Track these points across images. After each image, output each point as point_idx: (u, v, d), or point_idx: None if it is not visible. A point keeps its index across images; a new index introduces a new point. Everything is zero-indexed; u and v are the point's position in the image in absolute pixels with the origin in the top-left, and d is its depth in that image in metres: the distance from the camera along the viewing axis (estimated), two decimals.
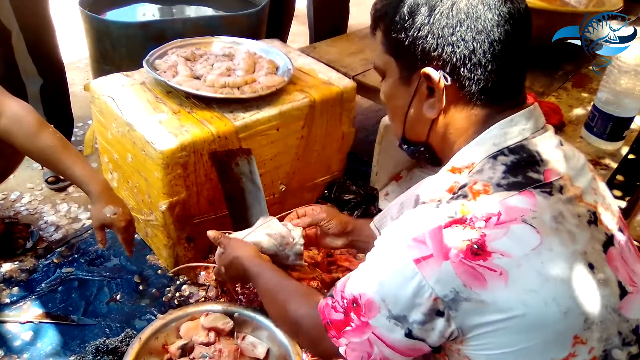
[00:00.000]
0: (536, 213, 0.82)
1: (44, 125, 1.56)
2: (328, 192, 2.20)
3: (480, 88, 0.89)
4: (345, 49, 2.46)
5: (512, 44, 0.88)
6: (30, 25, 2.08)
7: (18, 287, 1.80)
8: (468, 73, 0.88)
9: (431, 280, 0.80)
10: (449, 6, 0.87)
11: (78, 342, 1.64)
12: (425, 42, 0.88)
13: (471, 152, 0.90)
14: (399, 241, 0.85)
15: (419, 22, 0.88)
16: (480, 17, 0.86)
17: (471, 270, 0.79)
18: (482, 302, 0.79)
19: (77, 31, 2.47)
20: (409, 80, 0.94)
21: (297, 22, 3.38)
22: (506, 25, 0.87)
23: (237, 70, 1.90)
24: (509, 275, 0.78)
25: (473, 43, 0.86)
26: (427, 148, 1.01)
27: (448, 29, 0.87)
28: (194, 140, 1.65)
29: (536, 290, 0.79)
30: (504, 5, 0.87)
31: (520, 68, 0.93)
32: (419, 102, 0.94)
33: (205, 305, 1.61)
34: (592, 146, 1.80)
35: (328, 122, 2.01)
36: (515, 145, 0.88)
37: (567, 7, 2.54)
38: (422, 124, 0.97)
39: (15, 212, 2.15)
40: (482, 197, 0.83)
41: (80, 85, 2.87)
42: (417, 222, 0.85)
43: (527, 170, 0.86)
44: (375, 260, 0.89)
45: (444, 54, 0.87)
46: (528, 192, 0.83)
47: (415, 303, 0.82)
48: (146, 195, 1.78)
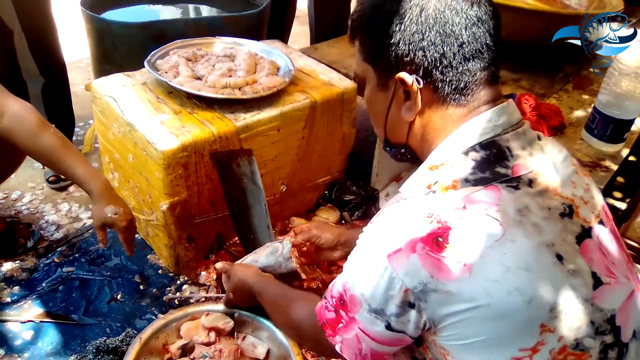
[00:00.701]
0: (500, 207, 0.85)
1: (46, 125, 1.57)
2: (329, 193, 2.20)
3: (453, 88, 0.93)
4: (346, 50, 2.46)
5: (482, 44, 0.92)
6: (32, 25, 2.08)
7: (19, 287, 1.81)
8: (440, 75, 0.92)
9: (401, 273, 0.85)
10: (417, 13, 0.91)
11: (79, 342, 1.64)
12: (398, 48, 0.93)
13: (446, 149, 0.94)
14: (375, 237, 0.90)
15: (391, 30, 0.93)
16: (447, 21, 0.90)
17: (437, 262, 0.82)
18: (448, 292, 0.83)
19: (79, 31, 2.47)
20: (386, 85, 0.99)
21: (298, 23, 3.38)
22: (474, 27, 0.91)
23: (238, 71, 1.90)
24: (472, 267, 0.82)
25: (443, 46, 0.91)
26: (407, 149, 1.05)
27: (418, 35, 0.91)
28: (195, 141, 1.66)
29: (499, 281, 0.82)
30: (470, 8, 0.91)
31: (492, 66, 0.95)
32: (397, 106, 0.99)
33: (206, 305, 1.62)
34: (593, 148, 1.80)
35: (329, 123, 2.02)
36: (487, 141, 0.91)
37: (568, 9, 2.54)
38: (401, 126, 1.01)
39: (16, 211, 2.16)
40: (450, 192, 0.87)
41: (82, 85, 2.87)
42: (390, 217, 0.90)
43: (495, 166, 0.89)
44: (354, 257, 0.95)
45: (416, 59, 0.92)
46: (493, 187, 0.87)
47: (389, 296, 0.87)
48: (147, 195, 1.78)
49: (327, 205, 2.20)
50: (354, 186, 2.20)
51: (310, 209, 2.21)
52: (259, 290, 1.42)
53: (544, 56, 2.27)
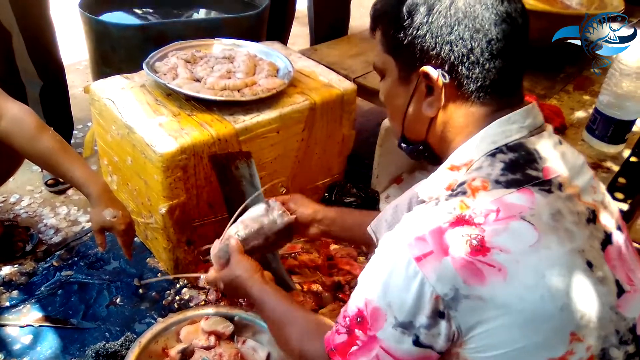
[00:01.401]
0: (534, 210, 0.83)
1: (44, 128, 1.56)
2: (329, 195, 2.19)
3: (478, 86, 0.90)
4: (345, 51, 2.45)
5: (510, 43, 0.89)
6: (30, 27, 2.08)
7: (18, 291, 1.80)
8: (466, 71, 0.89)
9: (432, 278, 0.80)
10: (447, 5, 0.88)
11: (78, 346, 1.63)
12: (424, 41, 0.90)
13: (469, 149, 0.91)
14: (400, 241, 0.85)
15: (417, 21, 0.90)
16: (477, 16, 0.88)
17: (470, 266, 0.79)
18: (480, 298, 0.79)
19: (77, 33, 2.47)
20: (408, 79, 0.95)
21: (298, 24, 3.38)
22: (503, 24, 0.88)
23: (237, 73, 1.89)
24: (507, 271, 0.79)
25: (471, 42, 0.88)
26: (426, 147, 1.02)
27: (446, 28, 0.88)
28: (194, 143, 1.65)
29: (533, 286, 0.80)
30: (501, 4, 0.89)
31: (518, 67, 0.93)
32: (418, 101, 0.96)
33: (206, 308, 1.61)
34: (594, 149, 1.80)
35: (328, 125, 2.01)
36: (514, 143, 0.89)
37: (569, 9, 2.54)
38: (421, 122, 0.98)
39: (14, 215, 2.15)
40: (481, 194, 0.84)
41: (80, 88, 2.86)
42: (417, 221, 0.86)
43: (525, 168, 0.87)
44: (377, 265, 0.89)
45: (442, 53, 0.89)
46: (526, 190, 0.84)
47: (419, 305, 0.82)
48: (146, 198, 1.78)
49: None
50: (354, 188, 2.19)
51: None
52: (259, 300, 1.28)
53: (544, 57, 2.26)
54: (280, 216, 1.47)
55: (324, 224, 1.52)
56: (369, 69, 2.28)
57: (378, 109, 2.81)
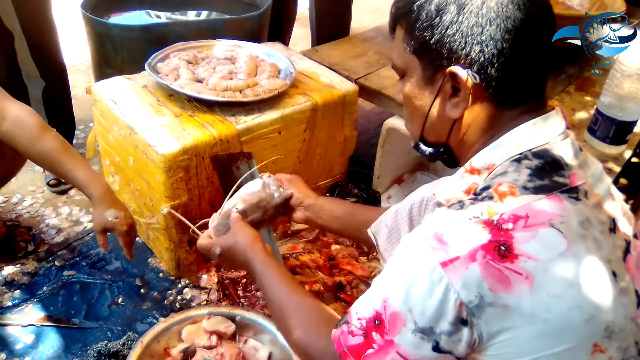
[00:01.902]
0: (564, 218, 0.81)
1: (46, 129, 1.56)
2: (330, 195, 2.20)
3: (506, 88, 0.88)
4: (347, 52, 2.46)
5: (539, 45, 0.88)
6: (32, 28, 2.08)
7: (20, 290, 1.80)
8: (495, 73, 0.87)
9: (457, 284, 0.78)
10: (478, 5, 0.86)
11: (80, 346, 1.64)
12: (454, 40, 0.87)
13: (491, 153, 0.89)
14: (424, 245, 0.82)
15: (447, 20, 0.87)
16: (510, 16, 0.85)
17: (498, 273, 0.77)
18: (505, 306, 0.77)
19: (80, 34, 2.47)
20: (432, 79, 0.93)
21: (299, 25, 3.38)
22: (533, 25, 0.87)
23: (239, 74, 1.90)
24: (534, 280, 0.77)
25: (502, 42, 0.85)
26: (446, 149, 0.99)
27: (477, 28, 0.86)
28: (196, 144, 1.65)
29: (560, 296, 0.78)
30: (532, 4, 0.86)
31: (544, 69, 0.92)
32: (442, 102, 0.93)
33: (207, 308, 1.61)
34: (595, 150, 1.80)
35: (330, 126, 2.01)
36: (539, 149, 0.87)
37: (570, 10, 2.54)
38: (444, 124, 0.95)
39: (16, 215, 2.15)
40: (509, 199, 0.82)
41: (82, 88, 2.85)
42: (441, 224, 0.83)
43: (552, 175, 0.85)
44: (398, 268, 0.86)
45: (472, 53, 0.86)
46: (555, 197, 0.82)
47: (442, 311, 0.79)
48: (148, 198, 1.78)
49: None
50: (356, 188, 2.20)
51: None
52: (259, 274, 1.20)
53: None
54: (277, 190, 1.45)
55: (312, 210, 1.49)
56: (371, 69, 2.28)
57: (379, 110, 2.81)
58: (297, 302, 1.13)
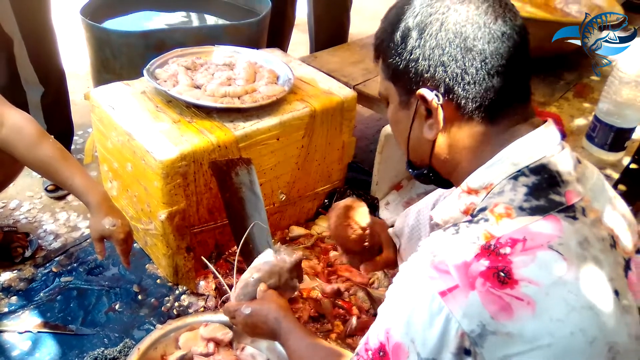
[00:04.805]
0: (562, 239, 0.80)
1: (44, 136, 1.56)
2: (328, 202, 2.19)
3: (478, 105, 0.88)
4: (346, 59, 2.46)
5: (508, 60, 0.88)
6: (32, 34, 2.09)
7: (17, 296, 1.79)
8: (462, 92, 0.88)
9: (458, 314, 0.77)
10: (437, 27, 0.87)
11: (76, 352, 1.63)
12: (418, 64, 0.89)
13: (488, 172, 0.88)
14: (421, 274, 0.81)
15: (410, 46, 0.89)
16: (469, 36, 0.86)
17: (498, 300, 0.76)
18: (508, 334, 0.76)
19: (79, 40, 2.47)
20: (408, 103, 0.94)
21: (298, 32, 3.39)
22: (498, 42, 0.87)
23: (237, 80, 1.90)
24: (536, 305, 0.76)
25: (464, 61, 0.86)
26: (431, 171, 1.00)
27: (438, 50, 0.87)
28: (194, 150, 1.65)
29: (563, 320, 0.76)
30: (494, 23, 0.87)
31: (520, 83, 0.92)
32: (419, 125, 0.94)
33: (205, 315, 1.61)
34: (594, 157, 1.80)
35: (328, 132, 2.01)
36: (536, 165, 0.86)
37: (568, 17, 2.55)
38: (424, 146, 0.96)
39: (14, 220, 2.15)
40: (505, 221, 0.81)
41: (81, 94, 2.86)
42: (437, 251, 0.82)
43: (548, 193, 0.84)
44: (398, 298, 0.85)
45: (437, 74, 0.88)
46: (553, 217, 0.81)
47: (444, 342, 0.78)
48: (146, 204, 1.78)
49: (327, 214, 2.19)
50: (354, 195, 2.19)
51: (309, 218, 2.20)
52: (285, 332, 1.25)
53: (544, 64, 2.26)
54: (289, 254, 1.48)
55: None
56: (369, 76, 2.29)
57: (378, 116, 2.82)
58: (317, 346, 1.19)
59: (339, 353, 1.16)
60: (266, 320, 1.29)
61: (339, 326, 1.71)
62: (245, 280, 1.42)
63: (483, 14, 0.87)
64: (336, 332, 1.68)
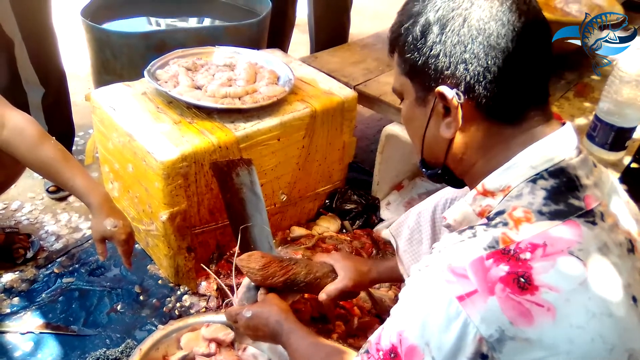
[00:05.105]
0: (582, 245, 0.79)
1: (46, 137, 1.56)
2: (329, 202, 2.20)
3: (498, 105, 0.86)
4: (346, 59, 2.46)
5: (530, 59, 0.86)
6: (32, 35, 2.09)
7: (19, 297, 1.80)
8: (483, 90, 0.85)
9: (476, 319, 0.75)
10: (460, 23, 0.85)
11: (78, 353, 1.63)
12: (438, 60, 0.87)
13: (506, 174, 0.86)
14: (438, 277, 0.79)
15: (430, 41, 0.87)
16: (492, 33, 0.84)
17: (518, 306, 0.75)
18: (527, 340, 0.75)
19: (79, 41, 2.48)
20: (425, 100, 0.92)
21: (298, 32, 3.39)
22: (521, 40, 0.85)
23: (238, 81, 1.90)
24: (556, 311, 0.75)
25: (487, 59, 0.84)
26: (445, 170, 0.98)
27: (460, 47, 0.85)
28: (195, 151, 1.65)
29: (583, 327, 0.76)
30: (518, 20, 0.84)
31: (541, 82, 0.90)
32: (436, 123, 0.92)
33: (206, 315, 1.61)
34: (594, 156, 1.79)
35: (329, 132, 2.01)
36: (555, 168, 0.84)
37: (568, 17, 2.55)
38: (440, 145, 0.94)
39: (16, 221, 2.15)
40: (525, 226, 0.80)
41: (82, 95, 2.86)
42: (454, 254, 0.81)
43: (568, 197, 0.82)
44: (413, 301, 0.83)
45: (457, 72, 0.86)
46: (572, 222, 0.80)
47: (460, 347, 0.76)
48: (147, 205, 1.78)
49: (328, 214, 2.20)
50: (355, 195, 2.20)
51: (310, 218, 2.20)
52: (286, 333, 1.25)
53: None
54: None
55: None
56: (370, 76, 2.29)
57: (378, 116, 2.81)
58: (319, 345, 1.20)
59: (341, 350, 1.16)
60: (267, 322, 1.30)
61: (341, 326, 1.71)
62: (246, 285, 1.43)
63: (507, 11, 0.84)
64: (337, 332, 1.68)
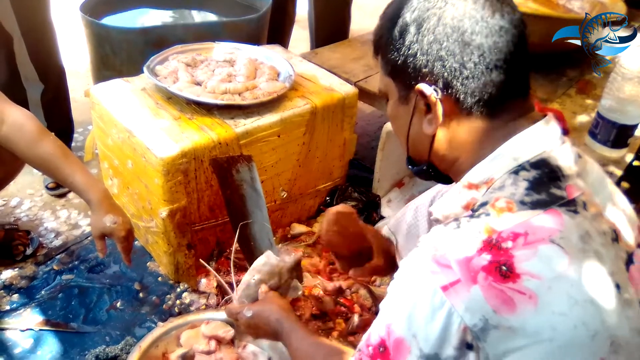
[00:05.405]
0: (563, 233, 0.79)
1: (45, 133, 1.56)
2: (330, 199, 2.19)
3: (477, 100, 0.88)
4: (347, 55, 2.45)
5: (506, 55, 0.87)
6: (31, 31, 2.08)
7: (18, 294, 1.79)
8: (461, 86, 0.87)
9: (460, 308, 0.76)
10: (435, 22, 0.87)
11: (78, 350, 1.63)
12: (416, 59, 0.89)
13: (488, 167, 0.88)
14: (423, 268, 0.81)
15: (408, 41, 0.89)
16: (467, 30, 0.86)
17: (500, 294, 0.76)
18: (510, 328, 0.76)
19: (79, 37, 2.47)
20: (407, 98, 0.94)
21: (299, 28, 3.38)
22: (495, 36, 0.87)
23: (238, 76, 1.89)
24: (538, 299, 0.76)
25: (462, 56, 0.86)
26: (430, 167, 1.00)
27: (436, 44, 0.87)
28: (195, 147, 1.64)
29: (565, 314, 0.76)
30: (492, 17, 0.87)
31: (520, 77, 0.91)
32: (419, 120, 0.94)
33: (206, 313, 1.60)
34: (596, 153, 1.79)
35: (330, 129, 2.00)
36: (537, 159, 0.86)
37: (570, 13, 2.54)
38: (423, 141, 0.96)
39: (15, 218, 2.15)
40: (507, 215, 0.81)
41: (81, 91, 2.85)
42: (439, 246, 0.82)
43: (549, 187, 0.84)
44: (399, 293, 0.85)
45: (435, 69, 0.88)
46: (554, 211, 0.81)
47: (446, 337, 0.78)
48: (146, 201, 1.77)
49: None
50: (356, 192, 2.19)
51: (311, 215, 2.19)
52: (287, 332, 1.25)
53: (546, 61, 2.26)
54: (287, 255, 1.50)
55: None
56: (370, 72, 2.28)
57: (379, 113, 2.81)
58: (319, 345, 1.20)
59: (341, 350, 1.17)
60: (268, 321, 1.30)
61: (341, 324, 1.71)
62: (246, 282, 1.42)
63: (480, 8, 0.87)
64: (338, 330, 1.68)
